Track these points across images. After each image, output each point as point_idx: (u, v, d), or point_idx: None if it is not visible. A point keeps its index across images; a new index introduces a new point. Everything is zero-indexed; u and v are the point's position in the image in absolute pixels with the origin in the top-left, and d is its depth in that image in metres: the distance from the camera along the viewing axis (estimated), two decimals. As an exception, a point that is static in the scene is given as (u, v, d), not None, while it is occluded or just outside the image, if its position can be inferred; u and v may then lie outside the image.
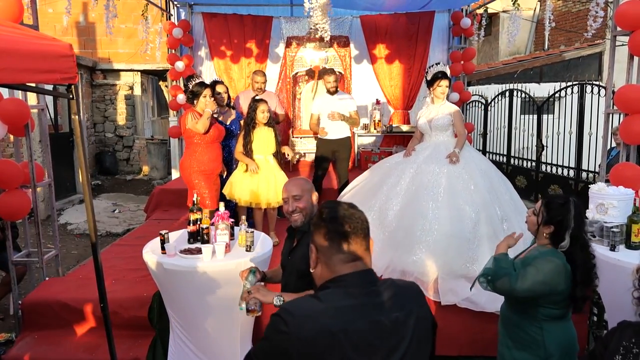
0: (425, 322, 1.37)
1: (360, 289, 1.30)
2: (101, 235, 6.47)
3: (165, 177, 9.95)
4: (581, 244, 2.11)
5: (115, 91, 10.82)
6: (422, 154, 3.96)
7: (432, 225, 3.54)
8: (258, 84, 5.15)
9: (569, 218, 2.08)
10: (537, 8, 11.87)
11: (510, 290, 2.09)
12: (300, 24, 6.95)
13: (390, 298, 1.32)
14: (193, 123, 4.02)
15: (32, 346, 3.21)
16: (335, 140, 5.10)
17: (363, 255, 1.34)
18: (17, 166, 3.49)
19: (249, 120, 4.29)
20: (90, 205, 2.31)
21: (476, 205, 3.58)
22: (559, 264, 2.08)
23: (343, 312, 1.25)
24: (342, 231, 1.32)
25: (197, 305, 2.77)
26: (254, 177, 4.23)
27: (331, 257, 1.33)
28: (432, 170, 3.76)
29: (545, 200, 2.20)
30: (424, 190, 3.68)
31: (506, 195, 3.84)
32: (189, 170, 4.13)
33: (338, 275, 1.32)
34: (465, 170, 3.75)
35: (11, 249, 3.58)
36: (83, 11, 10.76)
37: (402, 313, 1.30)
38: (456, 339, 3.34)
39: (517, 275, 2.09)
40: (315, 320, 1.23)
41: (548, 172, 7.15)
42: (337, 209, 1.37)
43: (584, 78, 7.42)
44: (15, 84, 2.05)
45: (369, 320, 1.26)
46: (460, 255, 3.47)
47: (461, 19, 6.70)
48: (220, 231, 2.85)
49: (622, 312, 2.74)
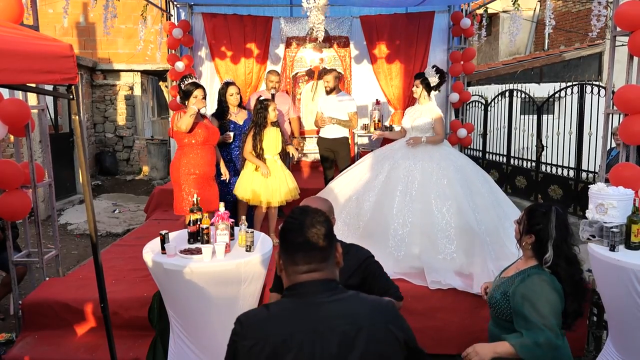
0: (385, 343, 1.29)
1: (310, 297, 1.32)
2: (101, 235, 6.47)
3: (165, 178, 9.95)
4: (565, 257, 1.94)
5: (115, 91, 10.82)
6: (400, 151, 4.14)
7: (405, 219, 3.71)
8: (272, 83, 5.17)
9: (551, 227, 1.93)
10: (537, 8, 11.87)
11: (557, 345, 1.86)
12: (300, 24, 6.95)
13: (341, 309, 1.31)
14: (180, 121, 3.90)
15: (32, 346, 3.22)
16: (332, 139, 5.19)
17: (319, 267, 1.34)
18: (18, 166, 3.49)
19: (260, 119, 4.26)
20: (90, 206, 2.31)
21: (447, 199, 3.74)
22: (548, 280, 1.93)
23: (287, 321, 1.29)
24: (296, 243, 1.34)
25: (197, 305, 2.78)
26: (263, 177, 4.24)
27: (287, 267, 1.37)
28: (407, 165, 3.95)
29: (528, 207, 2.08)
30: (399, 185, 3.87)
31: (483, 187, 3.98)
32: (177, 172, 4.00)
33: (292, 284, 1.35)
34: (440, 166, 3.92)
35: (11, 249, 3.59)
36: (83, 12, 10.76)
37: (353, 327, 1.27)
38: (455, 338, 3.35)
39: (539, 330, 1.84)
40: (258, 328, 1.29)
41: (548, 172, 7.15)
42: (294, 221, 1.38)
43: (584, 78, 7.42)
44: (15, 84, 2.05)
45: (312, 330, 1.27)
46: (434, 247, 3.61)
47: (461, 19, 6.70)
48: (220, 231, 2.85)
49: (621, 312, 2.75)
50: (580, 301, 1.97)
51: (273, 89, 5.17)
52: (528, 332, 1.87)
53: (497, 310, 2.05)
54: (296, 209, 1.44)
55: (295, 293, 1.34)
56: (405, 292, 3.39)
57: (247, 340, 1.28)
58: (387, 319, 1.33)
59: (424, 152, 4.02)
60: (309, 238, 1.34)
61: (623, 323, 2.77)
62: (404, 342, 1.33)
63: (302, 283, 1.34)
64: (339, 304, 1.32)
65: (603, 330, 3.42)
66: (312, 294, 1.32)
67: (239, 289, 2.77)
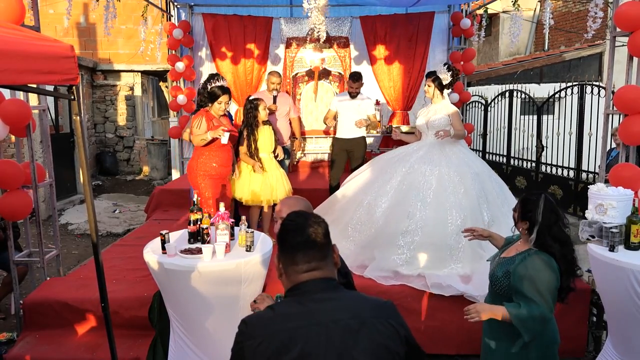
0: (387, 337, 1.33)
1: (312, 295, 1.35)
2: (102, 235, 6.48)
3: (166, 178, 9.96)
4: (554, 237, 2.12)
5: (115, 92, 10.83)
6: (416, 154, 3.96)
7: (417, 226, 3.58)
8: (274, 84, 5.14)
9: (537, 213, 2.14)
10: (537, 8, 11.87)
11: (549, 319, 2.08)
12: (300, 25, 6.96)
13: (343, 305, 1.35)
14: (197, 131, 3.88)
15: (33, 345, 3.22)
16: (350, 139, 5.13)
17: (318, 265, 1.38)
18: (19, 166, 3.50)
19: (251, 120, 4.26)
20: (91, 206, 2.32)
21: (464, 210, 3.60)
22: (546, 260, 2.11)
23: (292, 318, 1.32)
24: (295, 243, 1.39)
25: (197, 305, 2.78)
26: (262, 176, 4.24)
27: (287, 269, 1.40)
28: (423, 170, 3.78)
29: (521, 197, 2.29)
30: (414, 191, 3.72)
31: (499, 198, 3.84)
32: (195, 172, 4.01)
33: (294, 285, 1.39)
34: (457, 173, 3.76)
35: (12, 248, 3.59)
36: (84, 12, 10.77)
37: (356, 321, 1.31)
38: (453, 338, 3.35)
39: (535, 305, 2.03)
40: (264, 326, 1.32)
41: (548, 172, 7.15)
42: (291, 223, 1.43)
43: (584, 78, 7.42)
44: (16, 84, 2.06)
45: (317, 324, 1.30)
46: (442, 261, 3.50)
47: (461, 20, 6.70)
48: (220, 231, 2.86)
49: (621, 312, 2.76)
50: (572, 277, 2.17)
51: (274, 90, 5.15)
52: (525, 305, 2.05)
53: (497, 286, 2.23)
54: (291, 213, 1.51)
55: (298, 292, 1.37)
56: (404, 292, 3.43)
57: (253, 340, 1.30)
58: (388, 315, 1.38)
59: (441, 156, 3.86)
60: (308, 237, 1.38)
61: (623, 323, 2.77)
62: (405, 337, 1.37)
63: (304, 282, 1.37)
64: (341, 300, 1.37)
65: (603, 331, 3.42)
66: (314, 292, 1.36)
67: (239, 289, 2.78)
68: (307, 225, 1.40)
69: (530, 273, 2.08)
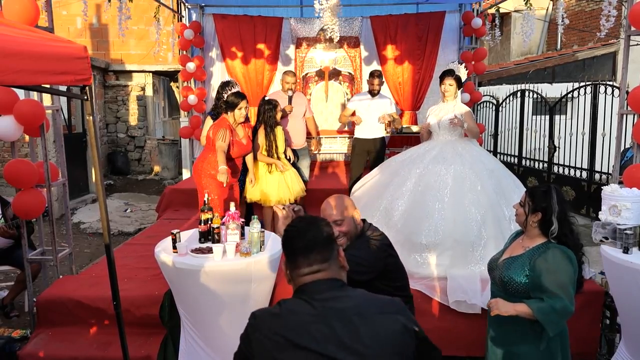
0: (395, 331, 1.34)
1: (317, 295, 1.38)
2: (113, 234, 6.55)
3: (176, 177, 10.03)
4: (569, 228, 2.16)
5: (127, 92, 10.93)
6: (429, 154, 3.91)
7: (437, 226, 3.52)
8: (289, 84, 5.10)
9: (553, 202, 2.15)
10: (549, 7, 11.74)
11: (571, 311, 2.08)
12: (310, 25, 6.96)
13: (350, 302, 1.37)
14: (221, 143, 3.84)
15: (46, 342, 3.27)
16: (372, 139, 5.12)
17: (321, 267, 1.41)
18: (33, 166, 3.55)
19: (270, 121, 4.26)
20: (103, 205, 2.34)
21: (482, 207, 3.55)
22: (566, 254, 2.11)
23: (298, 314, 1.36)
24: (296, 248, 1.43)
25: (208, 304, 2.80)
26: (278, 176, 4.24)
27: (292, 272, 1.44)
28: (438, 170, 3.73)
29: (528, 191, 2.29)
30: (430, 191, 3.66)
31: (515, 194, 3.79)
32: (200, 173, 4.01)
33: (299, 286, 1.42)
34: (472, 170, 3.71)
35: (26, 246, 3.64)
36: (96, 13, 10.89)
37: (362, 316, 1.33)
38: (464, 339, 3.32)
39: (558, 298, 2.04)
40: (272, 320, 1.37)
41: (560, 173, 7.08)
42: (293, 229, 1.48)
43: (598, 78, 7.33)
44: (30, 85, 2.09)
45: (323, 319, 1.33)
46: (465, 257, 3.45)
47: (472, 19, 6.66)
48: (230, 231, 2.87)
49: (635, 315, 2.72)
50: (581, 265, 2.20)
51: (290, 90, 5.09)
52: (548, 299, 2.05)
53: (512, 286, 2.18)
54: (295, 219, 1.57)
55: (303, 292, 1.40)
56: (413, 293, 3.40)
57: (260, 332, 1.35)
58: (396, 310, 1.39)
59: (454, 155, 3.81)
60: (308, 241, 1.42)
61: (636, 326, 2.73)
62: (414, 332, 1.38)
63: (307, 284, 1.40)
64: (347, 298, 1.39)
65: (616, 334, 3.37)
66: (319, 292, 1.38)
67: (250, 288, 2.79)
68: (308, 229, 1.45)
69: (551, 266, 2.07)
